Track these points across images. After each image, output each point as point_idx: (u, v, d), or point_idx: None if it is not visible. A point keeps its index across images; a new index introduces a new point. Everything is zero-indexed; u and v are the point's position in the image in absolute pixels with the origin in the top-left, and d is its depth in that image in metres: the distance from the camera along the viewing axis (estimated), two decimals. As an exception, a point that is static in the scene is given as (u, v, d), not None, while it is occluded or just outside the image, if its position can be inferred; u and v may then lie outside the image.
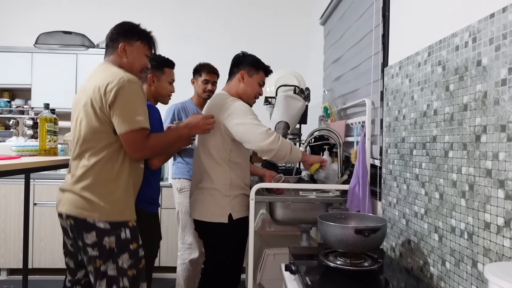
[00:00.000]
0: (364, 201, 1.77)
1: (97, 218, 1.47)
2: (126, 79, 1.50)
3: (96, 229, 1.47)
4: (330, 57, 2.88)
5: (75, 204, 1.49)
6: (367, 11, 2.07)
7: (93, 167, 1.49)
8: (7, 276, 3.34)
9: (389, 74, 1.73)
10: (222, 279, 1.83)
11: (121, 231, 1.50)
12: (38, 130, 2.03)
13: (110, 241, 1.48)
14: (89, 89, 1.52)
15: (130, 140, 1.50)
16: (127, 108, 1.48)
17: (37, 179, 3.24)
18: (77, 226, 1.49)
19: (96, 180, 1.49)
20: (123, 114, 1.48)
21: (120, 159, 1.53)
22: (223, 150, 1.81)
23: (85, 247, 1.49)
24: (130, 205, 1.57)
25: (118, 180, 1.52)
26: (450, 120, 1.24)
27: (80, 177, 1.50)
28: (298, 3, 3.94)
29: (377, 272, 1.36)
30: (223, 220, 1.78)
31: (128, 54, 1.62)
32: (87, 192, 1.48)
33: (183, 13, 3.87)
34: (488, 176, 1.04)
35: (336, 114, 2.50)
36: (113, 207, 1.50)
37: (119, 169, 1.53)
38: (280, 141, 1.75)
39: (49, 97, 3.18)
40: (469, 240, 1.12)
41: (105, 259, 1.48)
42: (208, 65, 2.63)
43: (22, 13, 3.83)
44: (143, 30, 1.69)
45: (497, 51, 1.02)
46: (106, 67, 1.59)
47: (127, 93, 1.48)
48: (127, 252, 1.50)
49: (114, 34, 1.64)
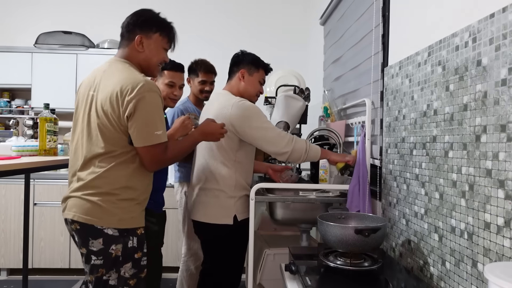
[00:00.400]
0: (364, 201, 1.77)
1: (106, 224, 1.40)
2: (147, 88, 1.39)
3: (104, 236, 1.40)
4: (330, 57, 2.88)
5: (83, 210, 1.41)
6: (367, 11, 2.07)
7: (105, 173, 1.41)
8: (7, 276, 3.34)
9: (389, 74, 1.73)
10: (224, 280, 1.83)
11: (128, 239, 1.44)
12: (38, 130, 2.03)
13: (117, 249, 1.41)
14: (103, 91, 1.41)
15: (147, 154, 1.43)
16: (146, 122, 1.40)
17: (37, 179, 3.23)
18: (84, 231, 1.42)
19: (107, 186, 1.41)
20: (142, 128, 1.40)
21: (133, 166, 1.45)
22: (229, 151, 1.79)
23: (89, 254, 1.41)
24: (140, 213, 1.51)
25: (130, 188, 1.45)
26: (450, 120, 1.24)
27: (90, 183, 1.41)
28: (298, 3, 3.94)
29: (377, 272, 1.36)
30: (228, 222, 1.77)
31: (145, 47, 1.50)
32: (98, 198, 1.40)
33: (183, 13, 3.87)
34: (488, 176, 1.04)
35: (336, 114, 2.50)
36: (123, 213, 1.43)
37: (131, 175, 1.45)
38: (293, 142, 1.76)
39: (49, 97, 3.17)
40: (469, 240, 1.12)
41: (109, 268, 1.42)
42: (205, 64, 2.49)
43: (22, 13, 3.83)
44: (163, 20, 1.55)
45: (497, 51, 1.02)
46: (123, 67, 1.47)
47: (147, 106, 1.39)
48: (131, 261, 1.45)
49: (130, 25, 1.51)
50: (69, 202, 1.45)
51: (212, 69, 2.51)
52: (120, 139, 1.42)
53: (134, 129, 1.40)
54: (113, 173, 1.42)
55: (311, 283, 1.24)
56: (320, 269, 1.39)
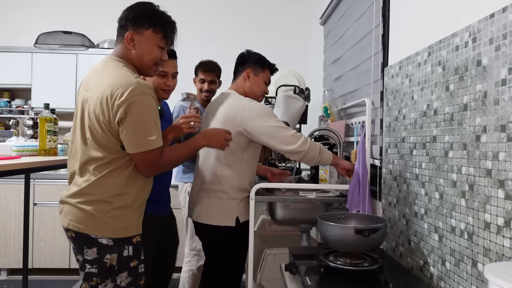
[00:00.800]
0: (364, 201, 1.76)
1: (101, 234, 1.36)
2: (139, 91, 1.31)
3: (98, 245, 1.36)
4: (330, 57, 2.88)
5: (78, 219, 1.37)
6: (367, 11, 2.07)
7: (98, 181, 1.37)
8: (7, 276, 3.34)
9: (389, 74, 1.73)
10: (225, 280, 1.83)
11: (124, 248, 1.39)
12: (38, 130, 2.03)
13: (111, 258, 1.37)
14: (94, 93, 1.35)
15: (141, 160, 1.38)
16: (138, 128, 1.33)
17: (37, 179, 3.24)
18: (78, 240, 1.39)
19: (101, 194, 1.37)
20: (133, 134, 1.33)
21: (127, 173, 1.40)
22: (236, 151, 1.77)
23: (84, 263, 1.39)
24: (136, 220, 1.46)
25: (125, 194, 1.40)
26: (450, 120, 1.23)
27: (84, 190, 1.38)
28: (298, 3, 3.94)
29: (377, 272, 1.36)
30: (231, 224, 1.76)
31: (136, 45, 1.40)
32: (91, 207, 1.36)
33: (184, 13, 3.86)
34: (488, 176, 1.04)
35: (336, 114, 2.50)
36: (118, 223, 1.39)
37: (125, 183, 1.40)
38: (308, 143, 1.74)
39: (49, 97, 3.18)
40: (469, 240, 1.12)
41: (104, 277, 1.38)
42: (205, 64, 2.49)
43: (22, 13, 3.84)
44: (157, 15, 1.43)
45: (497, 51, 1.02)
46: (116, 66, 1.39)
47: (139, 110, 1.32)
48: (127, 270, 1.40)
49: (123, 19, 1.42)
50: (65, 208, 1.42)
51: (211, 68, 2.50)
52: (112, 144, 1.36)
53: (125, 135, 1.33)
54: (106, 180, 1.37)
55: (311, 283, 1.24)
56: (320, 269, 1.39)
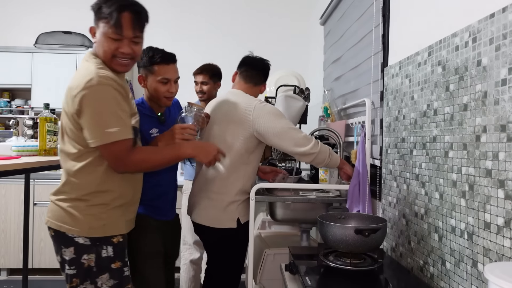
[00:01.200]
0: (364, 201, 1.76)
1: (77, 232, 1.33)
2: (95, 82, 1.26)
3: (75, 245, 1.34)
4: (330, 57, 2.88)
5: (56, 216, 1.36)
6: (367, 11, 2.07)
7: (73, 176, 1.35)
8: (7, 276, 3.34)
9: (389, 74, 1.73)
10: (226, 280, 1.83)
11: (102, 249, 1.35)
12: (38, 130, 2.02)
13: (89, 259, 1.34)
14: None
15: (105, 154, 1.33)
16: (94, 119, 1.28)
17: (37, 179, 3.24)
18: (57, 239, 1.37)
19: (76, 192, 1.35)
20: (90, 127, 1.29)
21: (101, 170, 1.35)
22: (244, 153, 1.76)
23: (63, 263, 1.36)
24: (116, 219, 1.40)
25: (102, 192, 1.36)
26: (450, 120, 1.24)
27: (61, 188, 1.37)
28: (298, 3, 3.94)
29: (377, 272, 1.36)
30: (232, 225, 1.76)
31: (96, 38, 1.37)
32: (67, 204, 1.34)
33: (184, 13, 3.87)
34: (488, 176, 1.04)
35: (336, 114, 2.50)
36: (94, 221, 1.35)
37: (102, 180, 1.36)
38: (319, 145, 1.76)
39: (49, 97, 3.14)
40: (469, 240, 1.12)
41: (83, 279, 1.35)
42: (201, 66, 2.58)
43: (22, 13, 3.83)
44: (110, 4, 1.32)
45: (497, 51, 1.02)
46: (87, 59, 1.38)
47: (93, 100, 1.27)
48: (107, 272, 1.36)
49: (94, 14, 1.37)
50: (49, 206, 1.41)
51: (202, 70, 2.56)
52: (81, 138, 1.33)
53: (84, 127, 1.30)
54: (81, 177, 1.35)
55: (311, 283, 1.24)
56: (320, 269, 1.39)
